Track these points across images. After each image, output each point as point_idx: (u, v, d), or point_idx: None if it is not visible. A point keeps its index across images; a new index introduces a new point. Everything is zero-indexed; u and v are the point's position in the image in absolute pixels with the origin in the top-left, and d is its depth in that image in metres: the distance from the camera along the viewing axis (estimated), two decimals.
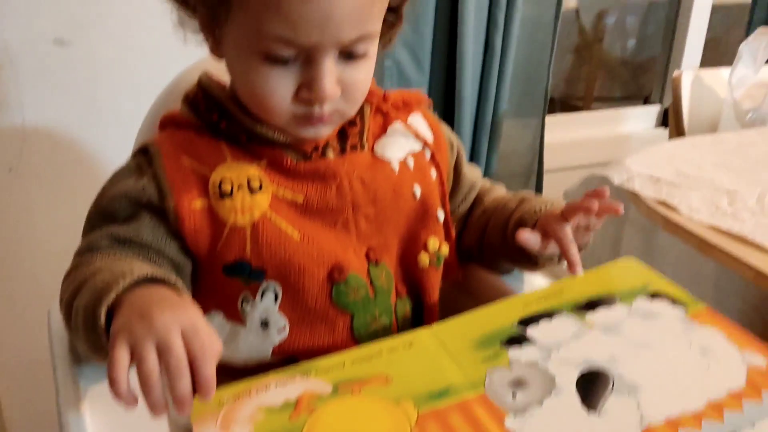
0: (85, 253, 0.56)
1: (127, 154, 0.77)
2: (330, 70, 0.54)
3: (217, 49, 0.59)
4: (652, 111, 1.84)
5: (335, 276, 0.59)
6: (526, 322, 0.56)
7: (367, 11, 0.53)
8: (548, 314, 0.57)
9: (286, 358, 0.61)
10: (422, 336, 0.56)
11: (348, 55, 0.55)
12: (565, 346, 0.53)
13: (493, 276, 0.73)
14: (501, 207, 0.70)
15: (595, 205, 0.59)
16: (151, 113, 0.76)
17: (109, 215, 0.58)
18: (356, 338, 0.61)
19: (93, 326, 0.48)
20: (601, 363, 0.51)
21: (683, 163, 0.98)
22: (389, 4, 0.58)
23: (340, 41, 0.53)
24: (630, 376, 0.50)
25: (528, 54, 1.47)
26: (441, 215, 0.66)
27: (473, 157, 1.48)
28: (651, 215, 0.84)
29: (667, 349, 0.53)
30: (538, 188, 1.60)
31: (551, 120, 1.69)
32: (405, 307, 0.66)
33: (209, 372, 0.43)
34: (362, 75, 0.57)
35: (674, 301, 0.58)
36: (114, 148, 1.14)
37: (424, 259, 0.65)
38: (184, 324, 0.44)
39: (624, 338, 0.54)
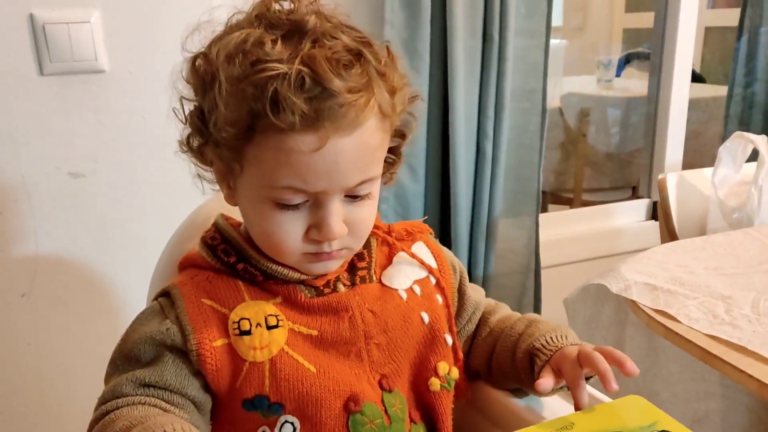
0: (109, 399, 0.58)
1: (137, 278, 0.81)
2: (337, 212, 0.59)
3: (231, 198, 0.64)
4: (641, 205, 1.90)
5: (351, 406, 0.61)
6: None
7: (369, 158, 0.59)
8: None
9: None
10: None
11: (353, 197, 0.60)
12: None
13: (502, 394, 0.74)
14: (507, 329, 0.73)
15: (609, 374, 0.61)
16: (168, 248, 0.80)
17: (133, 358, 0.60)
18: None
19: None
20: None
21: (676, 268, 1.02)
22: (389, 147, 0.63)
23: (346, 186, 0.58)
24: None
25: (518, 157, 1.53)
26: (449, 339, 0.69)
27: (471, 259, 1.51)
28: (652, 324, 0.87)
29: None
30: (537, 285, 1.63)
31: (545, 218, 1.74)
32: None
33: None
34: (366, 213, 0.62)
35: None
36: (123, 271, 1.18)
37: (435, 383, 0.67)
38: None
39: None
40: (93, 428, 0.57)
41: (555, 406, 0.71)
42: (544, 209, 2.27)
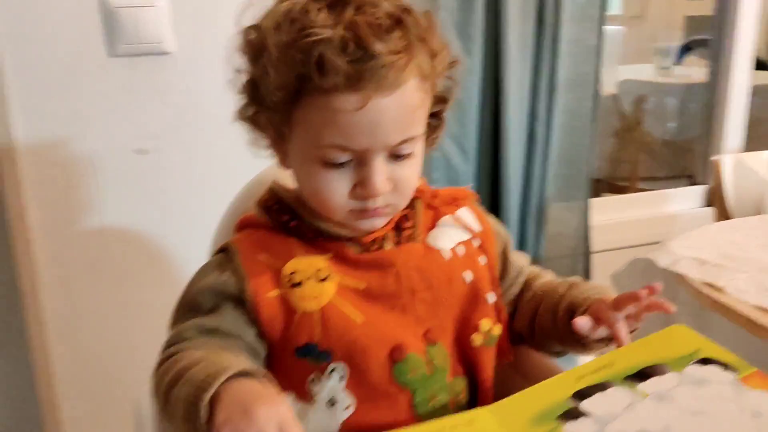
0: (174, 344, 0.63)
1: (197, 249, 0.85)
2: (380, 170, 0.62)
3: (284, 162, 0.68)
4: (698, 191, 1.86)
5: (396, 356, 0.64)
6: (580, 395, 0.59)
7: (409, 118, 0.62)
8: (601, 387, 0.59)
9: None
10: (482, 414, 0.58)
11: (395, 155, 0.63)
12: (619, 418, 0.55)
13: (545, 357, 0.76)
14: (550, 291, 0.75)
15: (647, 298, 0.63)
16: (226, 216, 0.84)
17: (194, 307, 0.65)
18: (417, 415, 0.65)
19: (194, 418, 0.53)
20: None
21: (728, 245, 1.01)
22: (431, 110, 0.66)
23: (388, 144, 0.62)
24: None
25: (569, 140, 1.52)
26: (491, 298, 0.71)
27: (521, 242, 1.52)
28: (698, 297, 0.87)
29: (719, 415, 0.54)
30: (587, 270, 1.62)
31: (598, 202, 1.72)
32: (461, 385, 0.70)
33: None
34: (409, 172, 0.65)
35: (725, 366, 0.59)
36: (186, 245, 1.23)
37: (477, 339, 0.70)
38: (280, 419, 0.51)
39: (677, 407, 0.55)
40: (158, 369, 0.61)
41: None
42: (598, 198, 2.23)
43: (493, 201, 1.49)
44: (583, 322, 0.65)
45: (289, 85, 0.60)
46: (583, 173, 1.55)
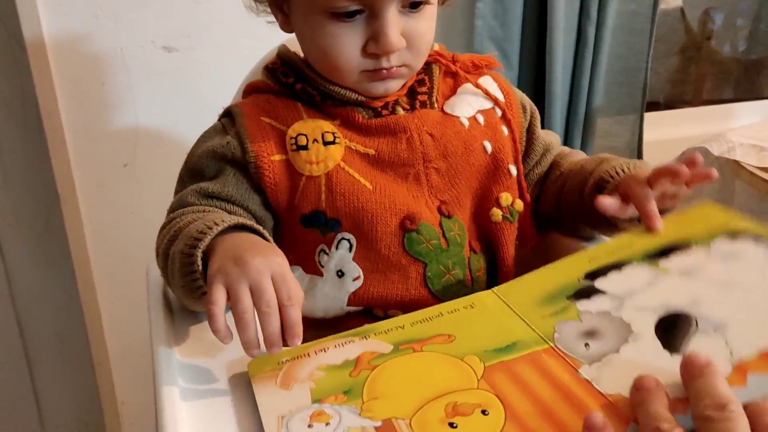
0: (176, 208, 0.61)
1: None
2: (393, 22, 0.57)
3: (287, 24, 0.64)
4: (764, 105, 1.72)
5: (407, 224, 0.61)
6: (594, 275, 0.54)
7: None
8: (617, 266, 0.54)
9: (361, 309, 0.63)
10: (483, 297, 0.55)
11: (409, 5, 0.58)
12: (639, 293, 0.50)
13: (573, 242, 0.71)
14: (578, 169, 0.68)
15: (685, 169, 0.56)
16: (238, 94, 0.81)
17: (197, 172, 0.63)
18: (430, 289, 0.62)
19: (189, 270, 0.52)
20: (681, 306, 0.48)
21: None
22: None
23: None
24: (715, 316, 0.46)
25: (624, 45, 1.42)
26: (513, 170, 0.66)
27: None
28: (754, 182, 0.79)
29: (753, 287, 0.49)
30: None
31: (652, 117, 1.61)
32: (479, 262, 0.66)
33: (296, 316, 0.48)
34: (425, 26, 0.60)
35: (757, 237, 0.53)
36: None
37: (496, 213, 0.65)
38: (274, 270, 0.49)
39: (705, 281, 0.50)
40: (161, 232, 0.60)
41: None
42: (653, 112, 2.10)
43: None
44: (608, 202, 0.59)
45: None
46: (639, 81, 1.45)
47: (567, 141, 1.44)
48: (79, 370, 1.32)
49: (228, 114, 0.64)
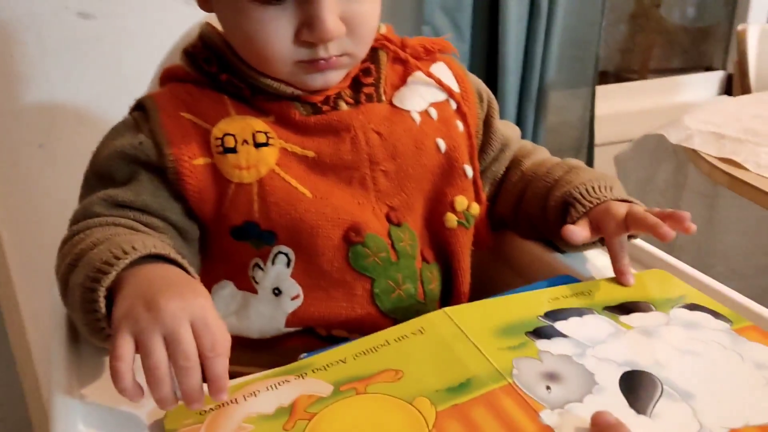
0: (80, 220, 0.52)
1: None
2: (330, 5, 0.49)
3: (205, 2, 0.54)
4: (714, 77, 1.72)
5: (352, 236, 0.54)
6: (554, 316, 0.50)
7: None
8: (578, 312, 0.51)
9: (302, 328, 0.56)
10: (435, 320, 0.49)
11: None
12: (602, 344, 0.47)
13: (530, 243, 0.66)
14: (543, 174, 0.63)
15: (669, 234, 0.51)
16: (156, 75, 0.72)
17: (105, 176, 0.53)
18: (378, 306, 0.56)
19: (91, 308, 0.43)
20: (645, 366, 0.45)
21: (751, 119, 0.88)
22: None
23: None
24: (681, 383, 0.44)
25: (577, 17, 1.38)
26: (469, 171, 0.60)
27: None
28: (713, 174, 0.76)
29: (717, 360, 0.46)
30: (589, 163, 1.51)
31: (603, 90, 1.59)
32: (432, 273, 0.60)
33: (221, 369, 0.39)
34: (367, 8, 0.52)
35: (716, 314, 0.51)
36: None
37: (451, 218, 0.59)
38: (194, 315, 0.40)
39: (667, 344, 0.47)
40: (61, 250, 0.51)
41: (591, 257, 0.62)
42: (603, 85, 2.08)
43: (488, 83, 1.35)
44: (577, 234, 0.54)
45: None
46: (591, 54, 1.42)
47: (520, 115, 1.40)
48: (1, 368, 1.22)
49: (141, 107, 0.55)
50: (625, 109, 1.64)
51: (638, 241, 0.62)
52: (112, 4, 1.06)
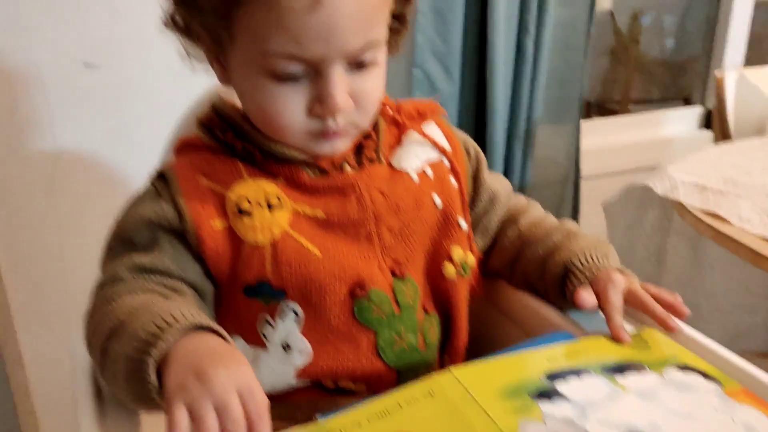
0: (108, 286, 0.55)
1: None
2: (340, 82, 0.53)
3: (224, 77, 0.59)
4: (694, 112, 1.78)
5: (357, 292, 0.57)
6: (554, 376, 0.52)
7: (370, 18, 0.53)
8: (575, 372, 0.53)
9: (311, 382, 0.59)
10: (444, 383, 0.51)
11: (356, 64, 0.54)
12: (601, 406, 0.49)
13: (525, 294, 0.69)
14: (542, 236, 0.67)
15: (676, 327, 0.58)
16: (170, 141, 0.75)
17: (128, 242, 0.57)
18: (382, 358, 0.59)
19: (139, 377, 0.46)
20: (642, 429, 0.47)
21: (730, 168, 0.93)
22: (393, 11, 0.57)
23: (347, 51, 0.52)
24: None
25: (561, 58, 1.43)
26: (463, 224, 0.64)
27: (507, 167, 1.45)
28: (698, 226, 0.80)
29: (710, 423, 0.49)
30: (576, 196, 1.55)
31: (588, 125, 1.64)
32: (432, 323, 0.63)
33: (266, 431, 0.43)
34: (373, 83, 0.56)
35: (706, 376, 0.54)
36: (142, 166, 1.14)
37: (449, 269, 0.63)
38: (240, 383, 0.44)
39: (663, 406, 0.50)
40: (93, 316, 0.54)
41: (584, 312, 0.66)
42: (588, 120, 2.14)
43: (478, 124, 1.40)
44: (590, 299, 0.60)
45: None
46: (575, 94, 1.47)
47: (508, 152, 1.44)
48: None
49: (161, 176, 0.59)
50: (609, 143, 1.70)
51: None
52: (116, 55, 1.09)
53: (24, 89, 1.06)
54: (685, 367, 0.55)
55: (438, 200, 0.63)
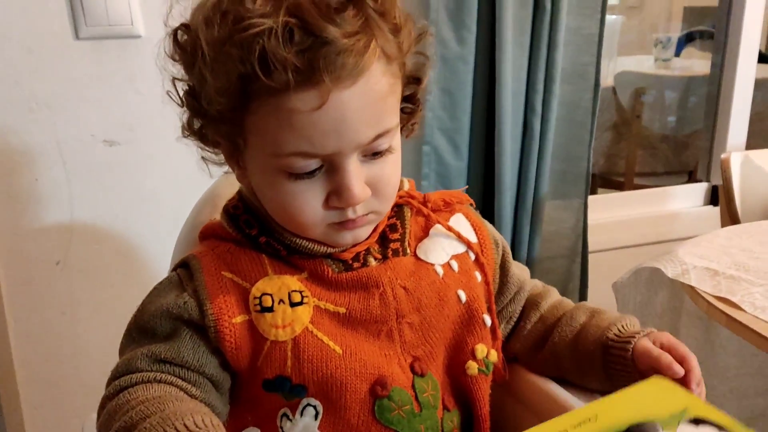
0: (124, 373, 0.55)
1: (169, 248, 0.78)
2: (356, 173, 0.54)
3: (243, 177, 0.60)
4: (699, 189, 1.80)
5: (378, 391, 0.57)
6: None
7: (379, 109, 0.53)
8: None
9: None
10: None
11: (371, 153, 0.55)
12: None
13: (542, 380, 0.69)
14: (567, 318, 0.68)
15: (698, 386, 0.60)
16: (188, 223, 0.76)
17: (148, 331, 0.57)
18: None
19: None
20: None
21: (740, 253, 0.94)
22: (403, 94, 0.58)
23: (359, 143, 0.53)
24: None
25: (567, 135, 1.46)
26: (488, 320, 0.64)
27: (515, 241, 1.45)
28: (712, 313, 0.80)
29: None
30: (584, 270, 1.56)
31: (595, 200, 1.66)
32: (453, 420, 0.62)
33: None
34: (389, 170, 0.57)
35: (720, 428, 0.53)
36: (156, 240, 1.16)
37: (472, 367, 0.63)
38: None
39: None
40: (106, 405, 0.54)
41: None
42: (593, 193, 2.18)
43: (486, 199, 1.42)
44: (677, 368, 0.59)
45: (231, 88, 0.51)
46: (582, 170, 1.48)
47: (516, 226, 1.45)
48: None
49: (185, 265, 0.59)
50: (616, 218, 1.71)
51: None
52: (135, 132, 1.12)
53: (45, 164, 1.09)
54: (698, 421, 0.53)
55: (463, 296, 0.63)
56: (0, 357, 1.13)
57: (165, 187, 1.16)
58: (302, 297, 0.57)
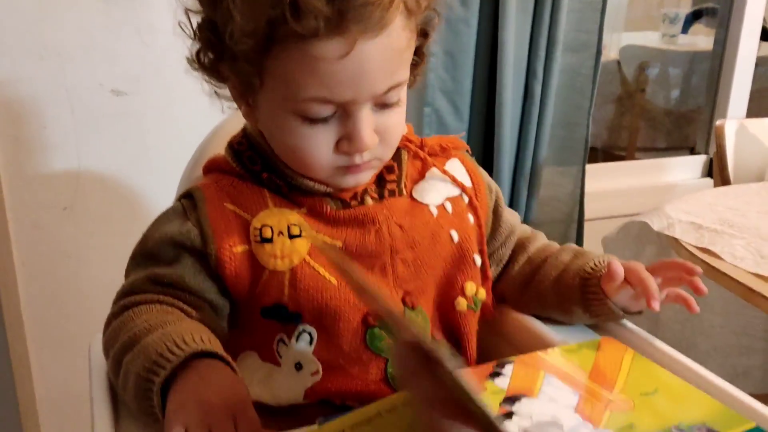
0: (128, 295, 0.59)
1: (171, 194, 0.81)
2: (367, 122, 0.56)
3: (251, 115, 0.61)
4: (698, 161, 1.82)
5: (369, 320, 0.60)
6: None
7: (397, 62, 0.56)
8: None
9: (318, 400, 0.62)
10: (403, 402, 0.51)
11: (382, 104, 0.57)
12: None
13: (528, 319, 0.72)
14: (552, 259, 0.71)
15: (696, 285, 0.63)
16: (193, 158, 0.79)
17: (152, 256, 0.60)
18: (390, 384, 0.61)
19: (146, 396, 0.50)
20: None
21: (727, 210, 0.97)
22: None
23: (374, 94, 0.55)
24: None
25: (567, 102, 1.47)
26: (478, 260, 0.67)
27: (512, 205, 1.48)
28: (693, 262, 0.83)
29: None
30: (579, 237, 1.58)
31: (593, 168, 1.68)
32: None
33: None
34: (396, 120, 0.59)
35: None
36: (161, 189, 1.18)
37: (461, 303, 0.66)
38: (236, 410, 0.48)
39: None
40: (111, 323, 0.57)
41: (580, 333, 0.68)
42: (593, 164, 2.19)
43: (485, 162, 1.44)
44: (618, 270, 0.63)
45: (259, 31, 0.52)
46: (581, 137, 1.50)
47: (514, 191, 1.48)
48: (5, 420, 1.25)
49: (189, 195, 0.62)
50: (613, 187, 1.73)
51: (624, 321, 0.69)
52: (142, 82, 1.14)
53: (53, 112, 1.11)
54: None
55: (455, 236, 0.66)
56: (7, 298, 1.17)
57: (170, 136, 1.19)
58: (301, 230, 0.60)
